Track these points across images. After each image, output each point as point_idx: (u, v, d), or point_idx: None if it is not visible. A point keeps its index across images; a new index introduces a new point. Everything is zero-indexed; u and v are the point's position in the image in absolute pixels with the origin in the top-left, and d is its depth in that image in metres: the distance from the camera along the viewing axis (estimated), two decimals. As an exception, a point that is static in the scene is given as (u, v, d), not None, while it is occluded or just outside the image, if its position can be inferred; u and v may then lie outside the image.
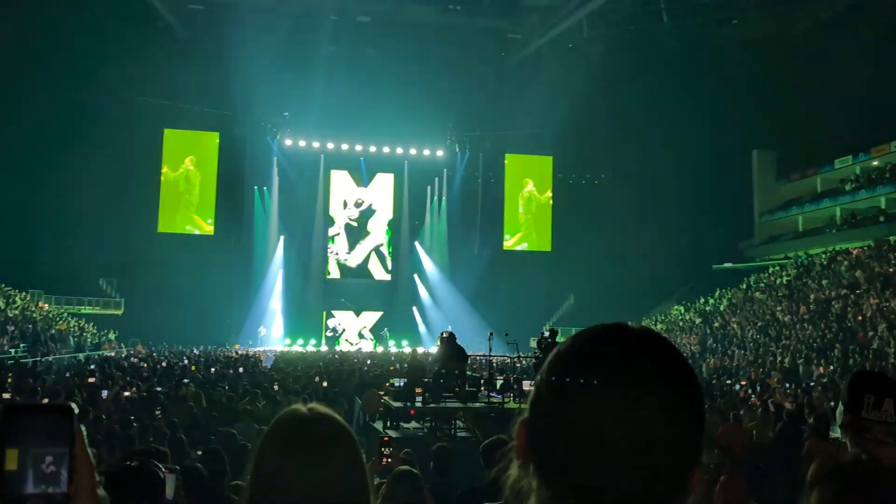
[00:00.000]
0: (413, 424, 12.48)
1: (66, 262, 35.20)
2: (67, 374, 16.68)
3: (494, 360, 18.55)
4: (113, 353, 28.70)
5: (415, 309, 42.83)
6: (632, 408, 0.81)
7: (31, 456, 0.87)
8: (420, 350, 21.91)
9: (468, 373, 13.56)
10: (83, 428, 0.92)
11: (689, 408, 0.84)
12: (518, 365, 18.54)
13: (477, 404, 12.55)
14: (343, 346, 38.34)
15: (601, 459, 0.81)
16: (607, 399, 0.82)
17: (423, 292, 43.34)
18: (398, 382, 13.47)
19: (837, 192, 38.47)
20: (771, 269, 37.51)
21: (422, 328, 41.38)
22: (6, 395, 10.24)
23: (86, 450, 0.91)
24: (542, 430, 0.87)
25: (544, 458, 0.86)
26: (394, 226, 44.83)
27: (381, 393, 13.73)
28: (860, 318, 25.37)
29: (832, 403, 12.77)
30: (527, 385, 13.70)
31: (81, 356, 25.47)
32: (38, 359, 22.45)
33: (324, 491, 1.31)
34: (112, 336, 34.94)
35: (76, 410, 0.91)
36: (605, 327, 0.92)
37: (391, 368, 20.20)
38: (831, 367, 21.55)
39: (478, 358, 20.13)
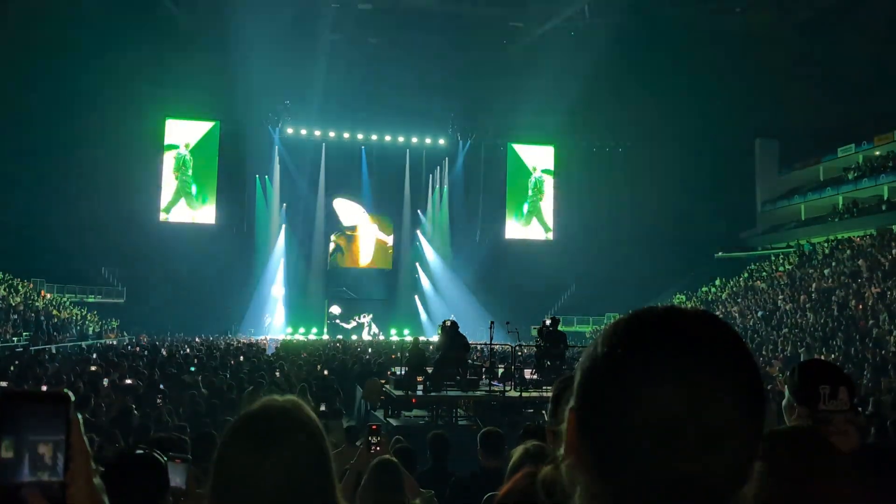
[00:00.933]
0: (415, 413, 12.52)
1: (68, 251, 35.22)
2: (69, 363, 16.73)
3: (495, 349, 18.59)
4: (115, 342, 28.78)
5: (416, 297, 42.88)
6: (703, 395, 0.78)
7: (26, 444, 0.87)
8: (421, 339, 21.93)
9: (469, 361, 13.58)
10: (80, 416, 0.92)
11: (756, 395, 0.82)
12: (519, 353, 18.57)
13: (478, 393, 12.58)
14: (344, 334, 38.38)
15: (670, 449, 0.77)
16: (677, 386, 0.79)
17: (424, 281, 43.39)
18: (399, 371, 13.50)
19: (840, 180, 38.38)
20: (773, 258, 37.49)
21: (423, 317, 41.43)
22: (3, 383, 10.25)
23: (82, 438, 0.91)
24: (601, 418, 0.82)
25: (606, 448, 0.81)
26: (395, 214, 44.80)
27: (383, 382, 13.75)
28: (861, 306, 25.37)
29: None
30: (528, 374, 13.73)
31: (84, 345, 25.53)
32: (39, 347, 22.52)
33: (271, 481, 1.31)
34: (114, 324, 35.02)
35: (72, 398, 0.91)
36: (660, 311, 0.88)
37: (392, 357, 20.24)
38: (833, 356, 21.56)
39: (479, 346, 20.15)
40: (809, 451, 1.64)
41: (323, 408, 9.53)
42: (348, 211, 44.15)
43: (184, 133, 42.26)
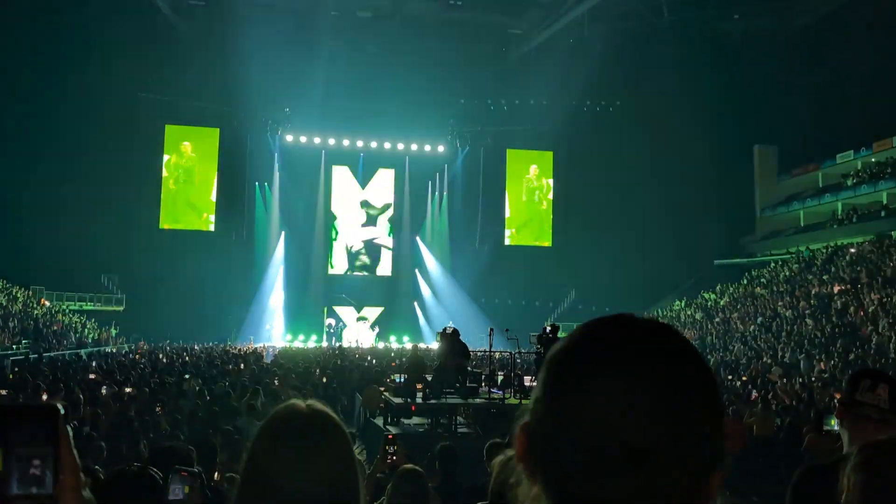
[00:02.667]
0: (414, 420, 12.49)
1: (67, 258, 35.20)
2: (68, 371, 16.69)
3: (495, 356, 18.55)
4: (114, 349, 28.74)
5: (416, 304, 42.84)
6: (633, 409, 0.74)
7: (15, 457, 0.86)
8: (421, 346, 21.93)
9: (469, 369, 13.56)
10: (69, 428, 0.91)
11: (700, 410, 0.77)
12: (519, 361, 18.54)
13: (478, 400, 12.55)
14: (344, 342, 38.29)
15: (600, 468, 0.74)
16: (608, 399, 0.75)
17: (424, 288, 43.36)
18: (399, 378, 13.47)
19: (839, 187, 38.41)
20: (772, 265, 37.49)
21: (423, 323, 41.38)
22: (3, 392, 10.21)
23: (71, 451, 0.90)
24: (539, 434, 0.81)
25: (543, 465, 0.80)
26: (395, 221, 44.85)
27: (382, 389, 13.72)
28: (861, 313, 25.35)
29: (834, 401, 12.76)
30: (528, 381, 13.71)
31: (83, 352, 25.49)
32: (39, 354, 22.49)
33: (312, 486, 1.33)
34: (113, 332, 34.97)
35: (62, 411, 0.90)
36: (607, 319, 0.85)
37: (392, 364, 20.21)
38: (832, 363, 21.53)
39: (478, 354, 20.12)
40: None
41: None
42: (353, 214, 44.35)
43: (183, 140, 42.29)
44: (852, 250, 32.52)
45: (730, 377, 19.46)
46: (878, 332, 23.04)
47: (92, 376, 14.40)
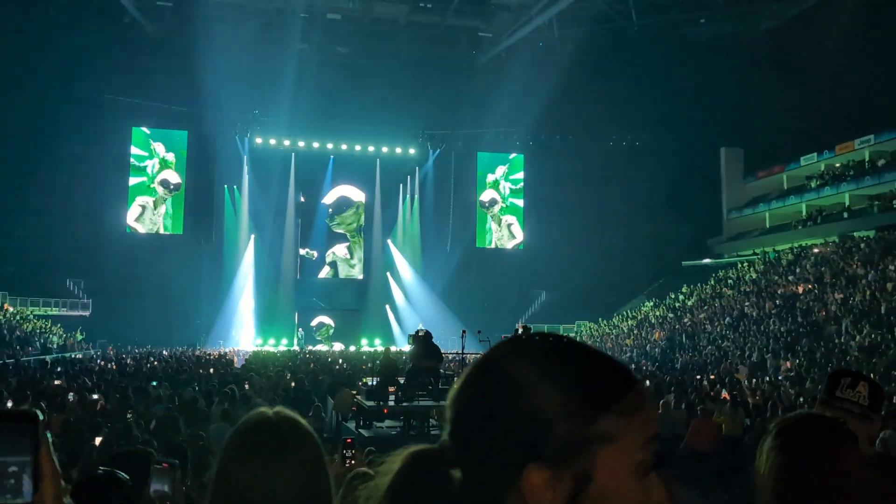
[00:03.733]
0: (387, 423, 12.46)
1: (31, 263, 34.58)
2: (33, 377, 16.37)
3: (467, 358, 18.58)
4: (80, 355, 28.25)
5: (387, 307, 42.72)
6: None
7: None
8: (393, 349, 21.89)
9: (441, 371, 13.57)
10: (48, 435, 0.90)
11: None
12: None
13: (450, 402, 12.54)
14: (317, 346, 38.03)
15: None
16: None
17: (395, 290, 43.26)
18: (371, 381, 13.44)
19: (803, 189, 39.07)
20: (739, 265, 38.02)
21: (395, 326, 41.28)
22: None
23: (51, 458, 0.89)
24: None
25: None
26: (366, 224, 44.69)
27: (354, 392, 13.68)
28: (824, 313, 25.81)
29: (800, 399, 12.97)
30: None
31: (48, 358, 25.03)
32: (3, 361, 22.04)
33: (283, 493, 1.33)
34: (79, 337, 34.39)
35: (41, 417, 0.90)
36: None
37: (364, 367, 20.13)
38: (797, 361, 21.90)
39: (451, 356, 20.15)
40: (819, 429, 1.66)
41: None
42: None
43: (151, 142, 41.73)
44: (816, 251, 33.12)
45: (698, 376, 19.68)
46: (842, 330, 23.49)
47: (57, 382, 14.16)
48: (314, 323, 40.28)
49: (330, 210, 44.22)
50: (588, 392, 0.81)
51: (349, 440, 3.62)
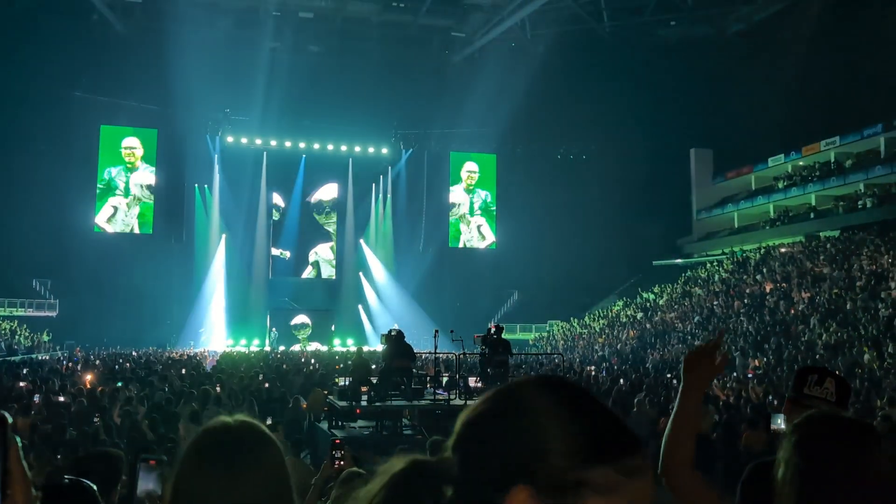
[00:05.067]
0: (359, 423, 12.43)
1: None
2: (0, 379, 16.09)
3: (440, 358, 18.58)
4: (47, 357, 27.78)
5: (360, 307, 42.57)
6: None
7: None
8: (365, 348, 21.82)
9: (414, 371, 13.57)
10: (17, 439, 0.89)
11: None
12: (463, 362, 18.62)
13: (423, 402, 12.56)
14: (288, 346, 37.72)
15: None
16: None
17: (368, 290, 43.11)
18: (343, 381, 13.39)
19: (771, 189, 39.62)
20: (708, 265, 38.49)
21: (367, 326, 41.13)
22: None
23: (20, 462, 0.88)
24: None
25: None
26: (339, 223, 44.50)
27: (326, 392, 13.62)
28: (792, 311, 26.23)
29: (770, 397, 13.16)
30: (472, 381, 13.78)
31: (16, 359, 24.56)
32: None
33: (245, 502, 1.30)
34: (46, 338, 33.81)
35: (9, 420, 0.89)
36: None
37: (336, 367, 20.04)
38: (765, 360, 22.23)
39: (423, 355, 20.15)
40: (839, 433, 1.61)
41: (269, 421, 9.38)
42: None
43: (120, 141, 41.15)
44: (783, 250, 33.64)
45: (668, 375, 19.89)
46: (809, 328, 23.89)
47: (23, 384, 13.92)
48: (295, 322, 39.95)
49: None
50: (595, 439, 0.83)
51: (338, 441, 3.63)
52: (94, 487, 2.59)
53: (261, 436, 1.39)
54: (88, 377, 15.70)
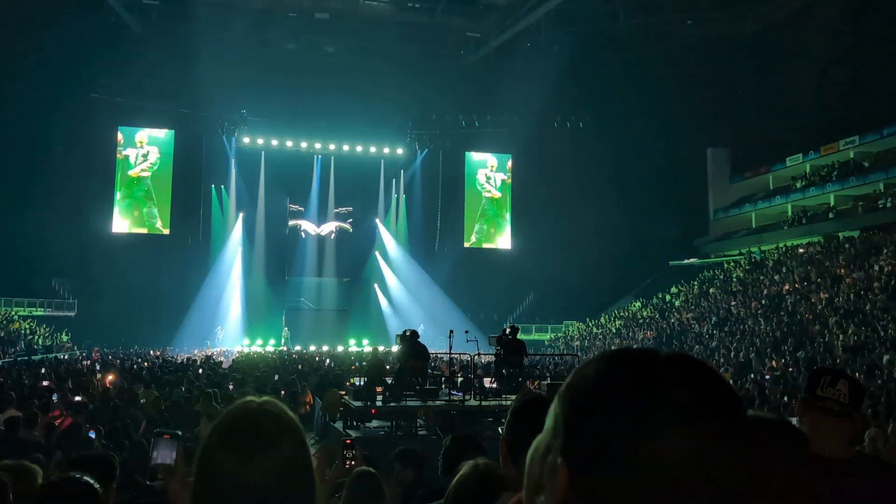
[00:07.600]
0: (374, 424, 12.46)
1: (17, 263, 34.29)
2: (18, 378, 16.26)
3: (455, 358, 18.58)
4: (66, 356, 28.06)
5: (376, 306, 42.64)
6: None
7: None
8: (381, 349, 21.88)
9: (429, 371, 13.59)
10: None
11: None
12: (479, 362, 18.62)
13: (438, 403, 12.58)
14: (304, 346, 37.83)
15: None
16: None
17: (383, 290, 43.18)
18: (358, 382, 13.43)
19: (789, 189, 39.32)
20: (725, 265, 38.25)
21: (382, 326, 41.15)
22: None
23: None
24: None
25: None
26: (354, 224, 44.62)
27: (342, 392, 13.67)
28: (809, 316, 25.99)
29: (785, 398, 13.08)
30: (487, 382, 13.79)
31: (34, 359, 24.84)
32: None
33: (264, 485, 1.30)
34: (64, 338, 34.15)
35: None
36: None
37: (352, 367, 20.11)
38: (783, 361, 22.06)
39: (438, 356, 20.17)
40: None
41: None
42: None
43: (137, 142, 41.50)
44: (801, 251, 33.37)
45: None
46: (827, 330, 23.69)
47: (44, 383, 14.07)
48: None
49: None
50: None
51: (349, 440, 3.66)
52: (96, 485, 2.61)
53: (281, 420, 1.37)
54: (110, 377, 15.83)
